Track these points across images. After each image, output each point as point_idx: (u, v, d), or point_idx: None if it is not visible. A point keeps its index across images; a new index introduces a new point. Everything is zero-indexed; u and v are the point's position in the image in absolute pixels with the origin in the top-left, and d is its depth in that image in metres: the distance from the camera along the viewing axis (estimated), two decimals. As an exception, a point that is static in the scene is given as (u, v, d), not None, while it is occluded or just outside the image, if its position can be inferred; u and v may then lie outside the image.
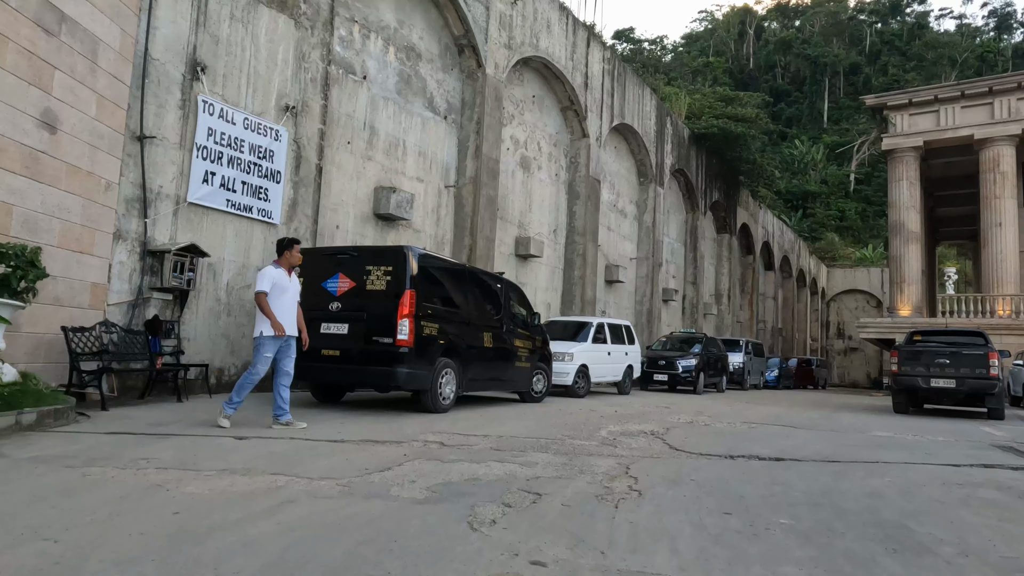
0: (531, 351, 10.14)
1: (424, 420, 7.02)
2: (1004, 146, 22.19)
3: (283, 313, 6.00)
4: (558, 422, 7.63)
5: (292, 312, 6.12)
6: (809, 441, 7.05)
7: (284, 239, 6.28)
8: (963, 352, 11.37)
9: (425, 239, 13.21)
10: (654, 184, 22.00)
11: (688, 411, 10.56)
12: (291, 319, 6.09)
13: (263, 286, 5.94)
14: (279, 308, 5.98)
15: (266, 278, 5.99)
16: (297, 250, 6.24)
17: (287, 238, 6.30)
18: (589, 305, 17.88)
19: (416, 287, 7.28)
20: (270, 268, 6.08)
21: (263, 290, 5.93)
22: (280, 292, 5.96)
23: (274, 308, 5.95)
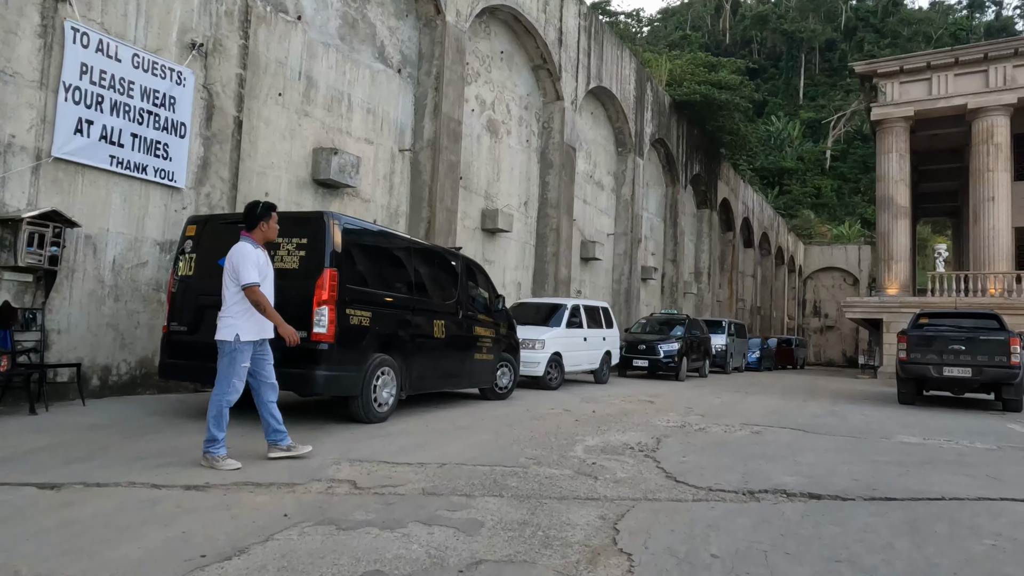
0: (495, 340, 8.60)
1: (349, 437, 5.45)
2: (998, 116, 21.06)
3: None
4: (522, 433, 6.11)
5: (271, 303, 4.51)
6: (834, 457, 5.64)
7: (256, 204, 4.52)
8: (980, 337, 10.13)
9: (376, 210, 11.53)
10: (633, 154, 20.47)
11: (676, 407, 9.16)
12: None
13: (252, 275, 4.26)
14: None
15: (250, 262, 4.29)
16: (275, 221, 4.53)
17: (260, 203, 4.53)
18: (563, 284, 16.39)
19: (340, 265, 5.65)
20: (249, 247, 4.37)
21: (255, 281, 4.26)
22: (263, 281, 4.36)
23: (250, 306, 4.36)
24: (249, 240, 4.44)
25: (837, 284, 46.22)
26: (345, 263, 5.77)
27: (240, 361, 4.29)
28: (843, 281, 45.87)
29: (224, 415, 4.26)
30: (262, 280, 4.35)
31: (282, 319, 4.33)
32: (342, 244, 5.73)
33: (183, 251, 6.08)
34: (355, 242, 6.03)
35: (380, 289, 6.28)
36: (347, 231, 5.86)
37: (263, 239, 4.49)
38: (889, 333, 21.37)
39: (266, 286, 4.40)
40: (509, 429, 6.32)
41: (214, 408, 4.25)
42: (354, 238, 6.01)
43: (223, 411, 4.25)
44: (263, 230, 4.48)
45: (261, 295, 4.28)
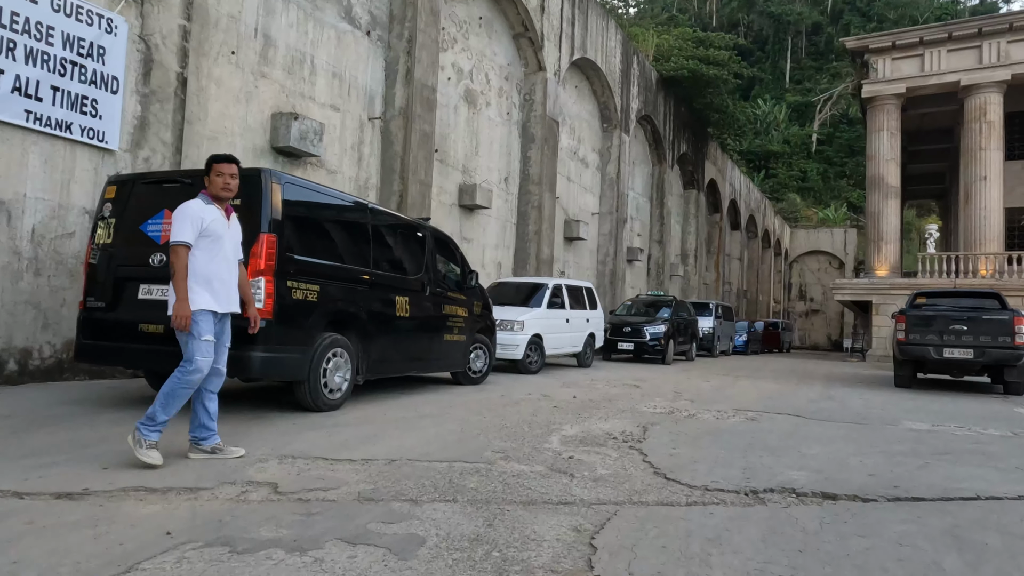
0: (467, 320, 7.89)
1: (289, 427, 4.73)
2: (991, 93, 20.55)
3: (217, 275, 3.70)
4: (493, 422, 5.43)
5: (232, 273, 3.81)
6: (842, 448, 5.02)
7: (211, 156, 3.85)
8: (983, 317, 9.59)
9: (343, 182, 10.72)
10: (619, 130, 19.73)
11: (663, 392, 8.53)
12: (227, 285, 3.77)
13: (183, 234, 3.58)
14: (212, 268, 3.68)
15: (186, 219, 3.61)
16: (230, 173, 3.77)
17: (214, 155, 3.84)
18: (546, 265, 15.69)
19: (281, 231, 4.89)
20: (194, 204, 3.69)
21: (183, 241, 3.57)
22: (212, 243, 3.66)
23: (205, 268, 3.65)
24: (203, 197, 3.75)
25: (823, 268, 46.02)
26: (287, 229, 5.01)
27: (200, 334, 3.57)
28: (829, 265, 45.67)
29: (178, 396, 3.57)
30: (214, 243, 3.66)
31: (186, 295, 3.57)
32: (284, 207, 4.97)
33: (102, 216, 5.29)
34: (301, 206, 5.27)
35: (331, 260, 5.53)
36: (290, 192, 5.09)
37: (218, 196, 3.75)
38: (879, 315, 20.97)
39: (217, 251, 3.69)
40: (478, 417, 5.63)
41: (168, 386, 3.56)
42: (300, 201, 5.25)
43: (178, 392, 3.56)
44: (215, 185, 3.74)
45: (180, 258, 3.55)
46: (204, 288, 3.63)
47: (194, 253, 3.61)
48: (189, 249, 3.59)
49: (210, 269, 3.66)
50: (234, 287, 3.82)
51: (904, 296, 20.69)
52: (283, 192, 4.98)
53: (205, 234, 3.64)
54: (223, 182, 3.74)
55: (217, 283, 3.68)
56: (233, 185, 3.79)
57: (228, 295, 3.76)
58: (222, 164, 3.77)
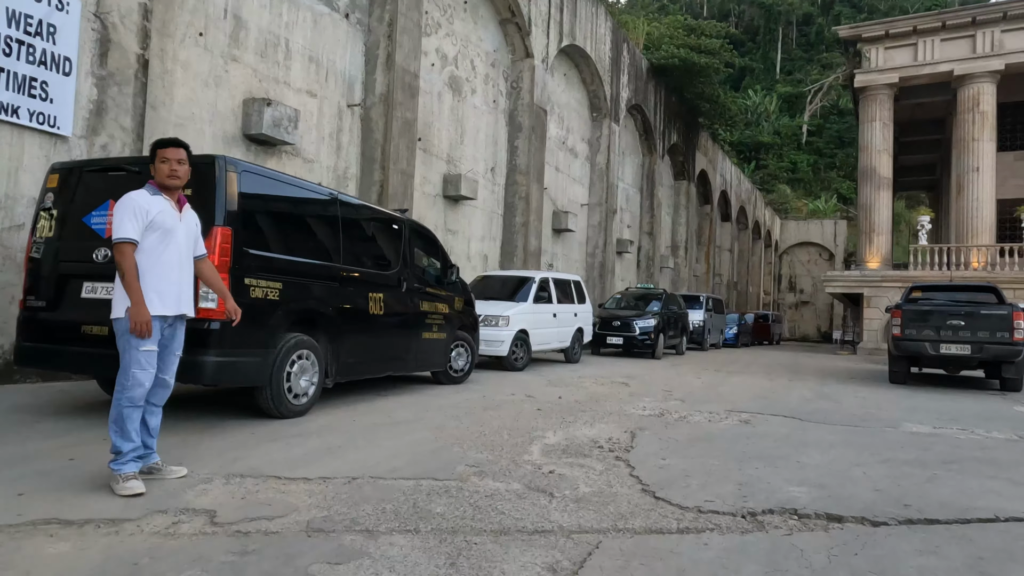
0: (448, 317, 7.51)
1: (246, 438, 4.34)
2: (985, 83, 20.31)
3: (166, 274, 3.28)
4: (471, 429, 5.07)
5: (184, 270, 3.39)
6: (842, 456, 4.70)
7: (155, 142, 3.41)
8: (981, 312, 9.32)
9: (321, 172, 10.28)
10: (608, 120, 19.34)
11: (653, 390, 8.21)
12: (178, 284, 3.35)
13: (126, 229, 3.15)
14: (160, 266, 3.26)
15: (128, 213, 3.17)
16: (176, 159, 3.32)
17: (158, 140, 3.41)
18: (533, 257, 15.32)
19: (237, 224, 4.49)
20: (137, 195, 3.25)
21: (127, 237, 3.14)
22: (161, 237, 3.25)
23: (152, 266, 3.23)
24: (148, 187, 3.33)
25: (813, 259, 46.00)
26: (245, 222, 4.60)
27: (139, 344, 3.16)
28: (819, 256, 45.65)
29: (127, 418, 3.16)
30: (163, 238, 3.26)
31: (141, 297, 3.16)
32: (241, 198, 4.55)
33: (44, 207, 4.85)
34: (260, 196, 4.85)
35: (295, 256, 5.12)
36: (248, 182, 4.68)
37: (165, 184, 3.33)
38: (870, 308, 20.78)
39: (167, 247, 3.27)
40: (455, 423, 5.26)
41: (114, 410, 3.17)
42: (259, 191, 4.83)
43: (124, 413, 3.15)
44: (162, 173, 3.33)
45: (127, 257, 3.14)
46: (150, 289, 3.23)
47: (141, 249, 3.21)
48: (135, 246, 3.18)
49: (158, 268, 3.25)
50: (187, 286, 3.41)
51: (896, 289, 20.51)
52: (240, 181, 4.57)
53: (152, 228, 3.23)
54: (169, 169, 3.32)
55: (166, 283, 3.28)
56: (182, 172, 3.36)
57: (179, 296, 3.35)
58: (167, 149, 3.35)
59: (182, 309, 3.38)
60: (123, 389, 3.16)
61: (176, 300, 3.34)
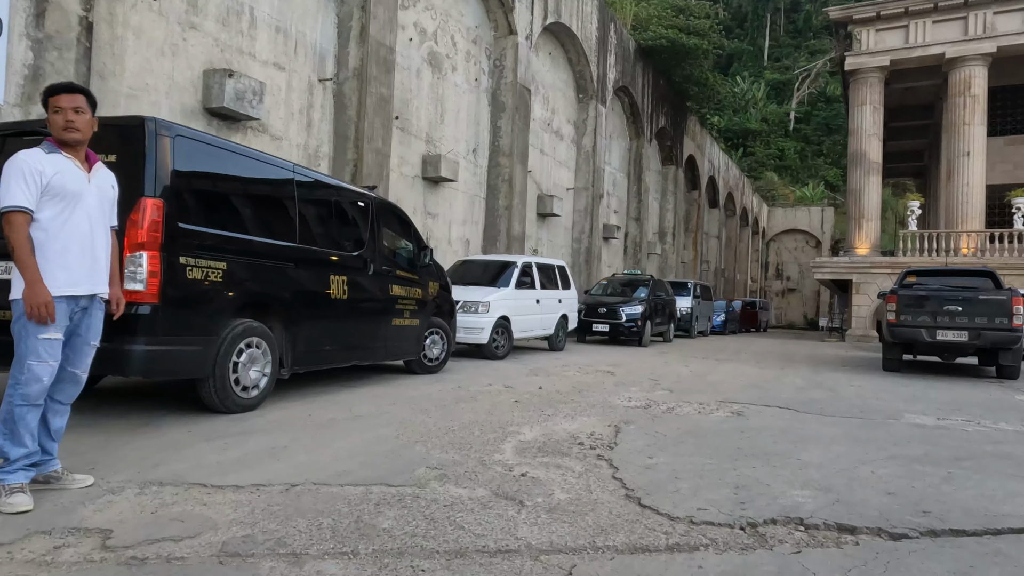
0: (421, 302, 7.03)
1: (179, 437, 3.85)
2: (976, 66, 19.98)
3: (71, 247, 2.76)
4: (440, 424, 4.60)
5: (99, 241, 2.87)
6: (846, 452, 4.30)
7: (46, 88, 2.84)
8: (979, 297, 8.98)
9: (290, 150, 9.72)
10: (595, 101, 18.81)
11: (640, 379, 7.78)
12: (91, 259, 2.83)
13: (14, 195, 2.63)
14: (64, 237, 2.75)
15: (17, 176, 2.66)
16: (73, 107, 2.76)
17: (50, 85, 2.85)
18: (517, 242, 14.84)
19: (171, 195, 3.96)
20: (29, 154, 2.70)
21: (17, 206, 2.63)
22: (63, 203, 2.72)
23: (54, 238, 2.72)
24: (45, 144, 2.78)
25: (799, 246, 45.91)
26: (181, 193, 4.08)
27: (37, 331, 2.65)
28: (806, 243, 45.56)
29: (20, 419, 2.65)
30: (64, 204, 2.73)
31: (37, 275, 2.64)
32: (177, 165, 4.03)
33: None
34: (201, 165, 4.32)
35: (243, 233, 4.60)
36: (186, 149, 4.15)
37: (63, 139, 2.78)
38: (859, 294, 20.54)
39: (72, 214, 2.75)
40: (423, 418, 4.79)
41: (4, 409, 2.66)
42: (200, 160, 4.30)
43: (17, 413, 2.64)
44: (49, 127, 2.79)
45: (16, 229, 2.61)
46: (55, 266, 2.71)
47: (39, 218, 2.68)
48: (28, 215, 2.65)
49: (62, 239, 2.73)
50: (102, 260, 2.89)
51: (884, 275, 20.26)
52: (175, 147, 4.03)
53: (51, 192, 2.69)
54: (64, 120, 2.76)
55: (74, 258, 2.76)
56: (81, 123, 2.79)
57: (92, 272, 2.82)
58: (59, 96, 2.78)
59: (97, 289, 2.87)
60: (16, 384, 2.66)
61: (89, 278, 2.82)
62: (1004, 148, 22.78)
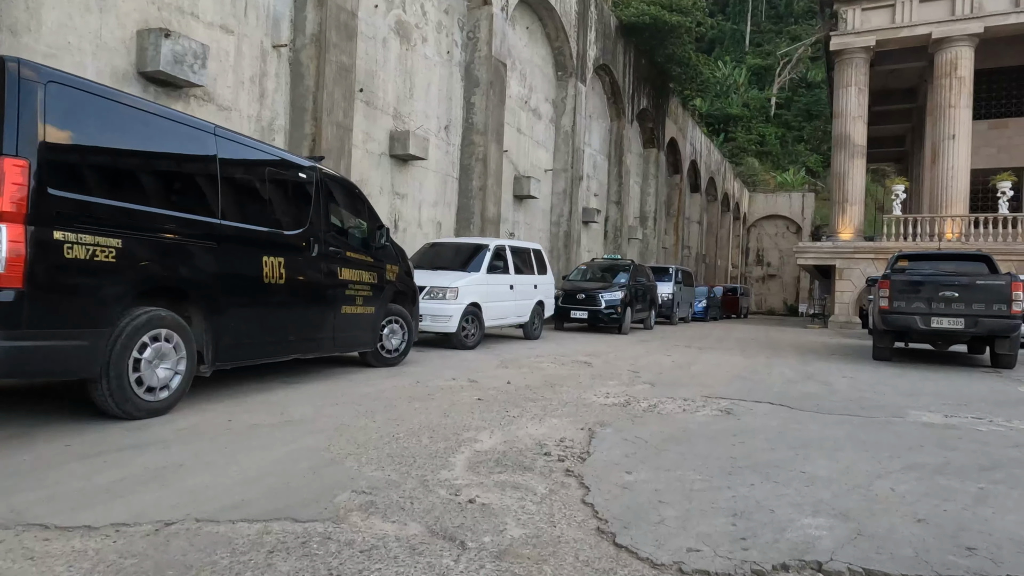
0: (377, 287, 6.32)
1: (56, 453, 3.13)
2: (963, 47, 19.56)
3: None
4: (383, 430, 3.92)
5: None
6: (856, 461, 3.71)
7: None
8: (977, 283, 8.48)
9: (240, 122, 8.89)
10: (574, 79, 18.06)
11: (618, 371, 7.17)
12: None
13: None
14: None
15: None
16: None
17: None
18: (492, 225, 14.13)
19: (42, 155, 3.21)
20: None
21: None
22: None
23: None
24: None
25: (780, 232, 45.77)
26: (58, 153, 3.32)
27: None
28: (786, 229, 45.44)
29: None
30: None
31: None
32: (52, 119, 3.27)
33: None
34: (87, 120, 3.56)
35: (145, 204, 3.85)
36: (64, 98, 3.38)
37: None
38: (842, 280, 20.18)
39: None
40: (365, 422, 4.11)
41: None
42: (84, 113, 3.54)
43: None
44: None
45: None
46: None
47: None
48: None
49: None
50: None
51: (868, 261, 19.91)
52: (48, 96, 3.27)
53: None
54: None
55: None
56: None
57: None
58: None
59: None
60: None
61: None
62: (988, 132, 22.47)
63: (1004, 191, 18.86)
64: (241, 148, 4.70)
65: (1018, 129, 22.18)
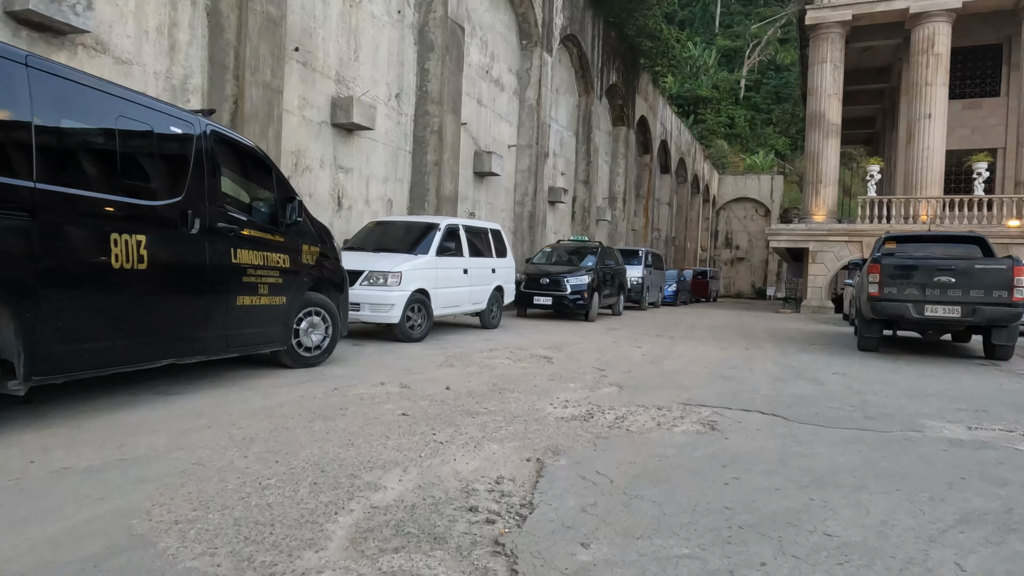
0: (288, 272, 5.19)
1: None
2: (941, 23, 18.92)
3: None
4: (250, 471, 2.85)
5: None
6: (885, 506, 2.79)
7: None
8: (975, 267, 7.70)
9: (145, 78, 7.60)
10: (540, 49, 16.90)
11: (582, 368, 6.18)
12: None
13: None
14: None
15: None
16: None
17: None
18: (449, 203, 12.99)
19: None
20: None
21: None
22: None
23: None
24: None
25: (749, 215, 45.46)
26: None
27: None
28: (755, 212, 45.15)
29: None
30: None
31: None
32: None
33: None
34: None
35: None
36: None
37: None
38: (815, 263, 19.58)
39: None
40: (232, 458, 3.03)
41: None
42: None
43: None
44: None
45: None
46: None
47: None
48: None
49: None
50: None
51: (843, 243, 19.31)
52: None
53: None
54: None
55: None
56: None
57: None
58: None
59: None
60: None
61: None
62: (962, 112, 21.99)
63: (980, 172, 18.38)
64: (73, 88, 3.50)
65: (992, 109, 21.76)
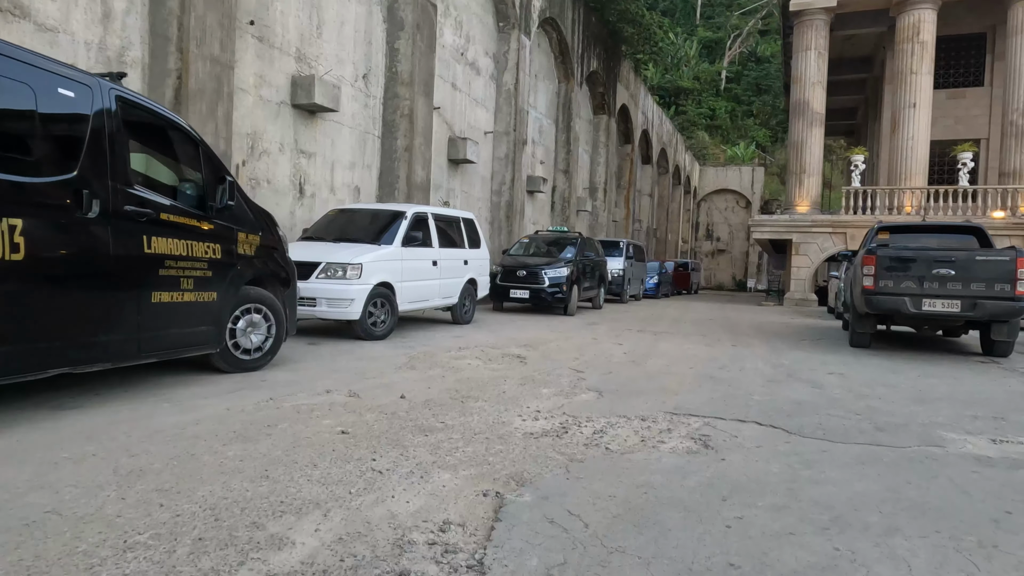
0: (220, 265, 4.51)
1: None
2: (926, 10, 18.55)
3: None
4: (121, 519, 2.21)
5: None
6: (926, 557, 2.21)
7: None
8: (976, 259, 7.24)
9: (74, 48, 6.83)
10: (518, 31, 16.22)
11: (559, 370, 5.59)
12: None
13: None
14: None
15: None
16: None
17: None
18: (421, 191, 12.31)
19: None
20: None
21: None
22: None
23: None
24: None
25: (730, 206, 45.25)
26: None
27: None
28: (736, 204, 44.94)
29: None
30: None
31: None
32: None
33: None
34: None
35: None
36: None
37: None
38: (799, 255, 19.20)
39: None
40: (105, 499, 2.38)
41: None
42: None
43: None
44: None
45: None
46: None
47: None
48: None
49: None
50: None
51: (826, 235, 18.94)
52: None
53: None
54: None
55: None
56: None
57: None
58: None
59: None
60: None
61: None
62: (946, 102, 21.72)
63: (965, 162, 18.10)
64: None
65: (975, 99, 21.52)
